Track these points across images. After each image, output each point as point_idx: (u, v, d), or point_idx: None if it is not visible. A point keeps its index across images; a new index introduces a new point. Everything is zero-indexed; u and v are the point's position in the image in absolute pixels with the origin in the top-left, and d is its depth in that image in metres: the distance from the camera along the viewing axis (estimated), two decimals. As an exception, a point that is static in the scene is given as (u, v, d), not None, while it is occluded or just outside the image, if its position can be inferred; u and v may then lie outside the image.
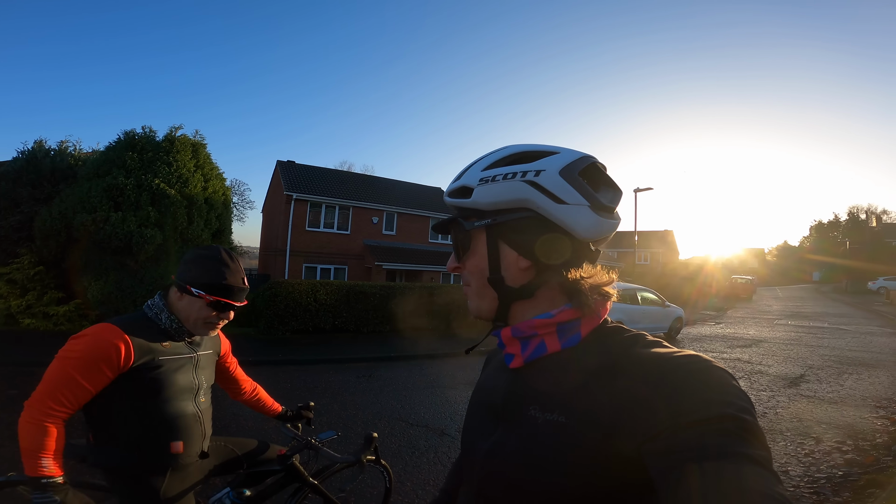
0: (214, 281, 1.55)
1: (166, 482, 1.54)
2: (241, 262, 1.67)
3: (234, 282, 1.59)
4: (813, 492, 3.60)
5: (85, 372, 1.38)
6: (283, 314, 10.16)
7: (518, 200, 0.71)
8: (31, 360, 6.63)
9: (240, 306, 1.65)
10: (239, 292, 1.61)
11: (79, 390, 1.38)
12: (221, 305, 1.58)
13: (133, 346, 1.44)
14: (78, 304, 9.50)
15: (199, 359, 1.66)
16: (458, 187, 0.77)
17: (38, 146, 11.02)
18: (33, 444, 1.32)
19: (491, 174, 0.72)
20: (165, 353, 1.54)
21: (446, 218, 0.80)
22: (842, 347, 11.13)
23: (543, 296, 0.73)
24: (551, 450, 0.63)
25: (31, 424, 1.34)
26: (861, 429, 5.15)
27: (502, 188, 0.71)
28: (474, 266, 0.76)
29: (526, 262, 0.72)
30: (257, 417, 4.80)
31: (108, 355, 1.39)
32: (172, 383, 1.54)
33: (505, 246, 0.73)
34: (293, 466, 2.01)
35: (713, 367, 0.57)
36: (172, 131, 10.75)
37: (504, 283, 0.73)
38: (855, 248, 47.64)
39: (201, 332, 1.63)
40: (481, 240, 0.75)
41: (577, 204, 0.69)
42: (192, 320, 1.58)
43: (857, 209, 62.05)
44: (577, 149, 0.74)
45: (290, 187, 19.78)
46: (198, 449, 1.63)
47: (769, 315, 19.86)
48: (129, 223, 9.22)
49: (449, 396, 6.16)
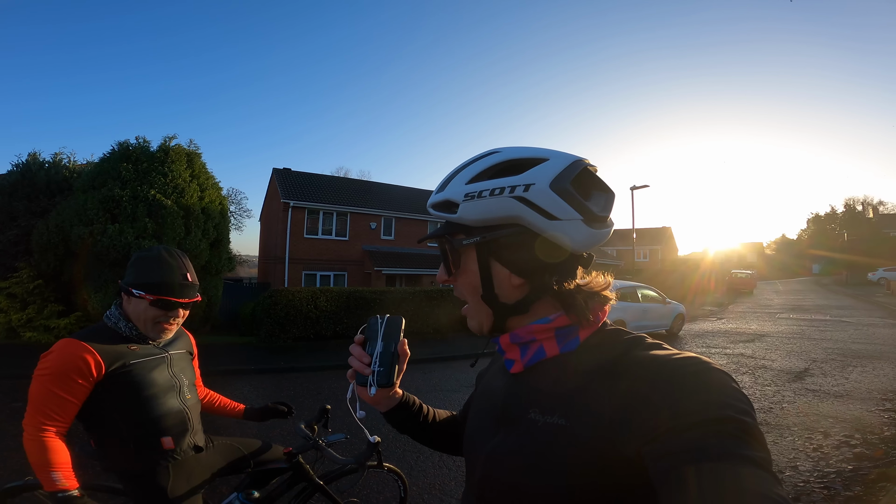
0: (152, 279, 1.55)
1: (171, 481, 1.58)
2: (184, 258, 1.65)
3: (172, 278, 1.57)
4: (823, 486, 3.57)
5: (60, 385, 1.43)
6: (283, 322, 10.13)
7: (507, 217, 0.69)
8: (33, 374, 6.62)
9: (188, 303, 1.63)
10: (181, 288, 1.58)
11: (62, 403, 1.43)
12: (163, 304, 1.57)
13: (100, 354, 1.48)
14: (79, 317, 9.49)
15: (171, 358, 1.68)
16: (441, 201, 0.74)
17: (32, 159, 11.01)
18: (40, 460, 1.37)
19: (477, 189, 0.70)
20: (136, 356, 1.57)
21: (433, 233, 0.77)
22: (845, 340, 11.12)
23: (539, 309, 0.72)
24: (551, 452, 0.63)
25: (32, 442, 1.40)
26: (869, 422, 5.13)
27: (490, 205, 0.69)
28: (467, 283, 0.76)
29: (519, 279, 0.71)
30: (263, 425, 4.74)
31: (76, 366, 1.44)
32: (152, 383, 1.57)
33: (496, 263, 0.72)
34: (299, 465, 2.02)
35: (712, 368, 0.57)
36: (167, 141, 10.71)
37: (498, 300, 0.73)
38: (853, 239, 47.66)
39: (153, 334, 1.62)
40: (471, 257, 0.74)
41: (570, 219, 0.68)
42: (143, 322, 1.60)
43: (853, 201, 62.27)
44: (574, 149, 0.74)
45: (287, 195, 19.77)
46: (189, 443, 1.65)
47: (770, 309, 19.85)
48: (126, 235, 9.18)
49: (453, 400, 6.14)
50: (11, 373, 6.82)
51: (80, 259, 9.32)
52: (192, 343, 1.88)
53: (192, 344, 1.87)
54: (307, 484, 2.06)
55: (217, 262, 10.89)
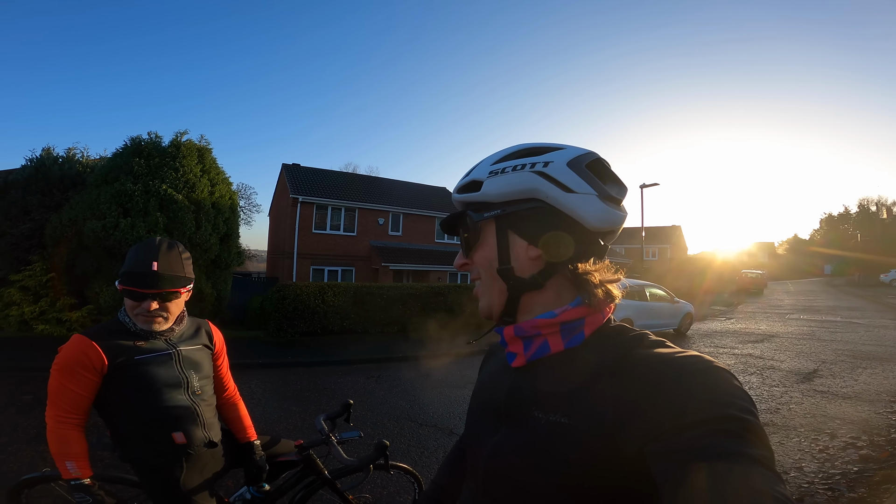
0: (124, 269, 1.56)
1: (185, 473, 1.62)
2: (165, 248, 1.58)
3: (140, 268, 1.53)
4: (828, 488, 3.55)
5: (69, 378, 1.49)
6: (291, 316, 10.21)
7: (527, 191, 0.71)
8: (45, 366, 6.60)
9: (155, 293, 1.54)
10: (146, 277, 1.52)
11: (73, 396, 1.50)
12: (130, 294, 1.55)
13: (102, 349, 1.52)
14: (91, 310, 9.60)
15: (180, 353, 1.68)
16: (467, 182, 0.78)
17: (46, 154, 11.13)
18: (57, 450, 1.46)
19: (500, 167, 0.74)
20: (141, 352, 1.58)
21: (454, 213, 0.80)
22: (855, 341, 11.00)
23: (552, 287, 0.73)
24: (554, 451, 0.63)
25: (51, 433, 1.48)
26: (876, 424, 5.09)
27: (511, 179, 0.72)
28: (483, 258, 0.76)
29: (536, 251, 0.72)
30: (268, 420, 4.85)
31: (81, 361, 1.49)
32: (156, 379, 1.59)
33: (514, 235, 0.73)
34: (310, 458, 2.03)
35: (715, 367, 0.57)
36: (178, 136, 10.81)
37: (513, 273, 0.73)
38: (866, 240, 47.07)
39: (143, 325, 1.61)
40: (490, 231, 0.76)
41: (586, 193, 0.70)
42: (131, 314, 1.60)
43: (867, 201, 61.32)
44: (584, 146, 0.76)
45: (296, 190, 19.87)
46: (201, 437, 1.67)
47: (781, 309, 19.66)
48: (138, 229, 9.29)
49: (458, 396, 6.15)
50: (24, 365, 6.89)
51: (92, 253, 9.45)
52: (213, 338, 1.85)
53: (212, 339, 1.84)
54: (316, 477, 2.08)
55: (227, 257, 10.99)
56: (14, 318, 9.51)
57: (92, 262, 9.58)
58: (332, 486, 2.11)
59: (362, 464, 1.94)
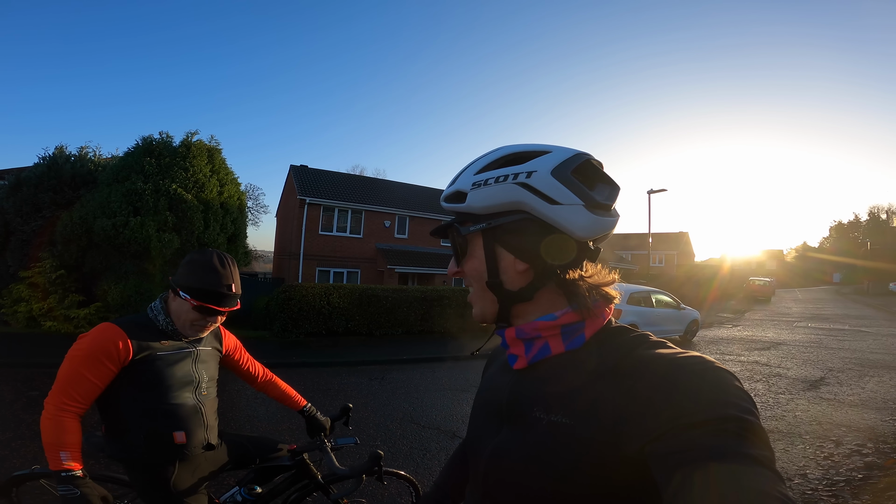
0: (201, 286, 1.59)
1: (176, 473, 1.61)
2: (234, 267, 1.68)
3: (219, 288, 1.61)
4: (832, 495, 3.53)
5: (90, 367, 1.47)
6: (296, 317, 10.25)
7: (511, 203, 0.71)
8: (51, 363, 6.73)
9: (229, 311, 1.66)
10: (225, 298, 1.62)
11: (87, 385, 1.48)
12: (205, 310, 1.61)
13: (131, 341, 1.53)
14: (98, 307, 9.68)
15: (198, 353, 1.72)
16: (452, 192, 0.77)
17: (58, 152, 11.29)
18: (52, 439, 1.42)
19: (483, 178, 0.72)
20: (163, 349, 1.61)
21: (443, 223, 0.80)
22: (863, 350, 10.90)
23: (543, 298, 0.73)
24: (556, 451, 0.63)
25: (48, 420, 1.44)
26: (882, 432, 5.05)
27: (495, 192, 0.71)
28: (473, 270, 0.77)
29: (523, 264, 0.72)
30: (271, 419, 4.87)
31: (107, 350, 1.49)
32: (170, 376, 1.61)
33: (501, 249, 0.73)
34: (303, 462, 2.02)
35: (716, 367, 0.57)
36: (188, 137, 10.94)
37: (503, 286, 0.74)
38: (876, 248, 46.52)
39: (190, 332, 1.67)
40: (478, 244, 0.75)
41: (572, 204, 0.69)
42: (181, 321, 1.64)
43: (877, 209, 60.88)
44: (590, 151, 0.74)
45: (304, 192, 19.97)
46: (201, 439, 1.68)
47: (788, 317, 19.50)
48: (147, 228, 9.39)
49: (460, 399, 6.16)
50: (31, 361, 6.95)
51: (101, 250, 9.54)
52: (223, 340, 1.90)
53: (222, 341, 1.89)
54: (309, 481, 2.06)
55: (234, 257, 11.07)
56: (22, 314, 9.61)
57: (101, 259, 9.68)
58: (326, 492, 2.09)
59: (354, 473, 1.91)
